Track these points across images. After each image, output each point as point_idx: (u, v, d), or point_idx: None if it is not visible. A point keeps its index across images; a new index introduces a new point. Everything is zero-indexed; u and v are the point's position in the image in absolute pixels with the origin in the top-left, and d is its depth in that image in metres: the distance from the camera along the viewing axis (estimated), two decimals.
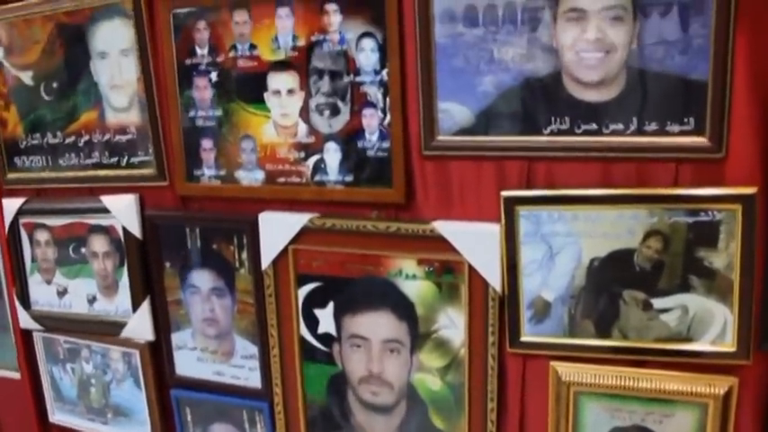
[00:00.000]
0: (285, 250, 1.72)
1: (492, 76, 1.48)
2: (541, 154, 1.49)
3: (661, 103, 1.39)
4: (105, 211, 1.94)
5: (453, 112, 1.53)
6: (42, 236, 2.08)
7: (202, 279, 1.87)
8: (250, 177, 1.74)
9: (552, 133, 1.47)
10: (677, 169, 1.41)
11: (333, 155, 1.63)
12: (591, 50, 1.41)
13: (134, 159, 1.88)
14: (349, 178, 1.63)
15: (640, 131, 1.41)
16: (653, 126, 1.41)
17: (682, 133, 1.39)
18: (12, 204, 2.10)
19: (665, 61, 1.37)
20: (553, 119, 1.46)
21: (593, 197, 1.45)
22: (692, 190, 1.40)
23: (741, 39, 1.31)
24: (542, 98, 1.46)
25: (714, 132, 1.37)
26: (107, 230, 1.97)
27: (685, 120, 1.38)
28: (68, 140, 1.97)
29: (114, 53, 1.83)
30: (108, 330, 2.03)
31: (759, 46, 1.31)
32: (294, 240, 1.70)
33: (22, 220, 2.11)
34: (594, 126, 1.44)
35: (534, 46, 1.44)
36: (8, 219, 2.11)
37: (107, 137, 1.91)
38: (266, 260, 1.74)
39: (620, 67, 1.40)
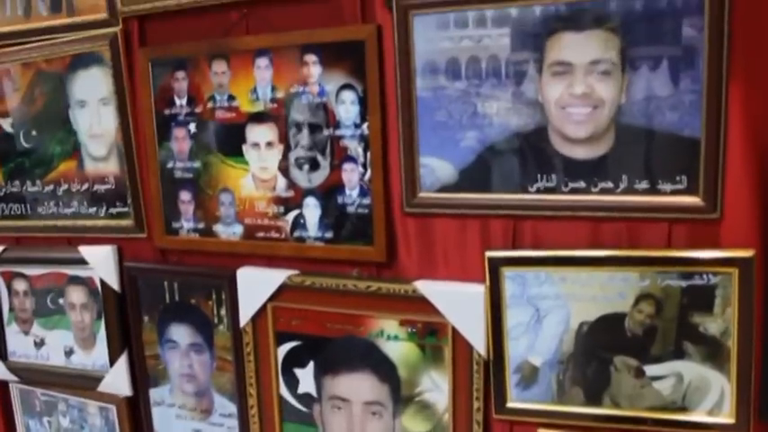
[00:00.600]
0: (264, 307, 1.67)
1: (476, 130, 1.43)
2: (527, 213, 1.43)
3: (652, 161, 1.34)
4: (83, 261, 1.90)
5: (435, 168, 1.48)
6: (20, 285, 2.04)
7: (181, 334, 1.81)
8: (228, 231, 1.69)
9: (539, 191, 1.41)
10: (670, 230, 1.35)
11: (312, 210, 1.59)
12: (578, 105, 1.36)
13: (113, 210, 1.85)
14: (329, 235, 1.58)
15: (631, 190, 1.36)
16: (644, 184, 1.35)
17: (674, 192, 1.33)
18: None
19: (656, 117, 1.32)
20: (540, 176, 1.41)
21: (582, 258, 1.39)
22: (686, 252, 1.34)
23: (735, 94, 1.26)
24: (528, 154, 1.41)
25: (708, 192, 1.31)
26: (85, 282, 1.92)
27: (678, 178, 1.33)
28: (47, 189, 1.94)
29: (93, 102, 1.80)
30: (85, 384, 1.98)
31: (754, 102, 1.26)
32: (273, 297, 1.65)
33: (0, 269, 2.06)
34: (583, 184, 1.39)
35: (519, 100, 1.39)
36: None
37: (86, 186, 1.88)
38: (245, 317, 1.69)
39: (608, 122, 1.35)
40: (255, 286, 1.66)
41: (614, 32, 1.31)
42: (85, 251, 1.89)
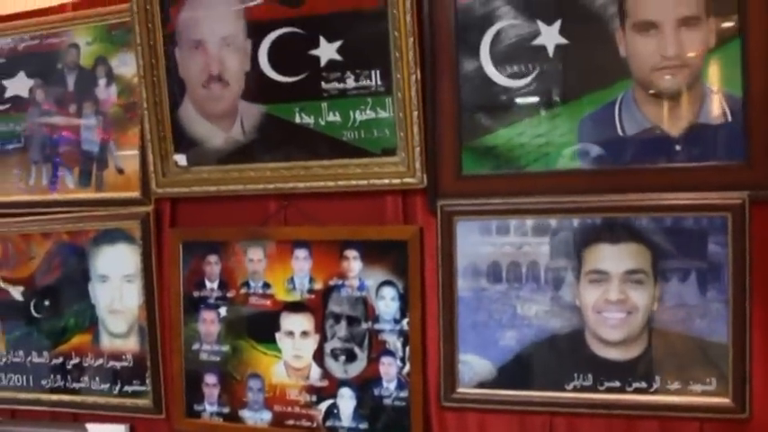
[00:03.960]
0: None
1: (515, 331, 1.55)
2: (564, 410, 1.54)
3: (683, 363, 1.48)
4: None
5: (474, 365, 1.58)
6: None
7: None
8: (256, 417, 1.75)
9: (575, 389, 1.53)
10: (701, 428, 1.48)
11: (347, 401, 1.66)
12: (613, 311, 1.50)
13: (128, 388, 1.88)
14: (363, 425, 1.65)
15: (663, 390, 1.49)
16: (676, 385, 1.48)
17: (704, 393, 1.47)
18: None
19: (686, 323, 1.47)
20: (576, 375, 1.53)
21: None
22: None
23: (758, 304, 1.42)
24: (565, 355, 1.54)
25: (737, 393, 1.45)
26: None
27: (707, 380, 1.46)
28: (55, 361, 1.97)
29: (116, 278, 1.87)
30: None
31: None
32: None
33: None
34: (618, 383, 1.51)
35: (557, 304, 1.53)
36: None
37: (99, 362, 1.90)
38: None
39: (642, 327, 1.49)
40: None
41: (647, 246, 1.47)
42: (95, 429, 1.90)
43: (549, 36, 1.51)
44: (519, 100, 1.55)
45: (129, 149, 1.86)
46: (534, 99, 1.54)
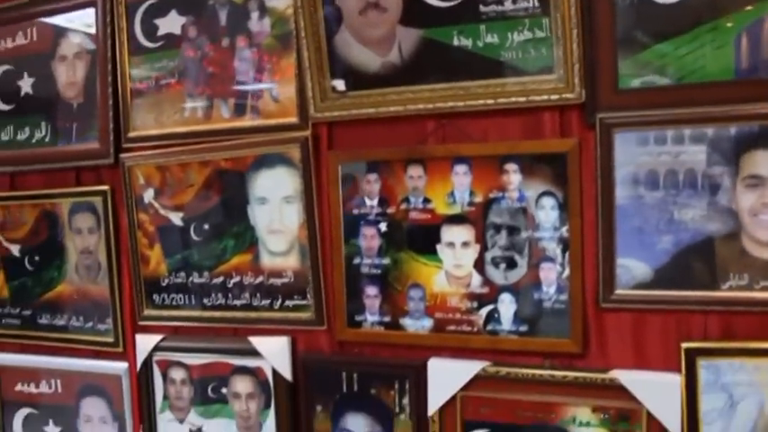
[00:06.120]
0: (452, 396, 1.88)
1: (671, 235, 1.70)
2: (719, 308, 1.69)
3: None
4: (252, 352, 2.10)
5: (632, 268, 1.73)
6: (178, 374, 2.23)
7: (357, 423, 2.02)
8: (417, 325, 1.92)
9: (730, 289, 1.67)
10: None
11: (508, 305, 1.83)
12: None
13: (289, 302, 2.06)
14: (524, 328, 1.82)
15: None
16: None
17: None
18: (146, 341, 2.26)
19: None
20: (732, 275, 1.67)
21: None
22: None
23: None
24: (721, 256, 1.68)
25: None
26: (253, 372, 2.13)
27: None
28: (216, 281, 2.16)
29: (276, 200, 2.04)
30: None
31: None
32: (463, 387, 1.86)
33: (156, 358, 2.26)
34: None
35: (714, 209, 1.67)
36: (141, 356, 2.26)
37: (260, 279, 2.09)
38: (434, 406, 1.90)
39: None
40: (447, 376, 1.88)
41: None
42: (258, 342, 2.10)
43: None
44: (675, 14, 1.66)
45: (283, 79, 2.02)
46: (690, 13, 1.65)
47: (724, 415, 1.70)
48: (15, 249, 2.50)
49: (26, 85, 2.42)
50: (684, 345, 1.71)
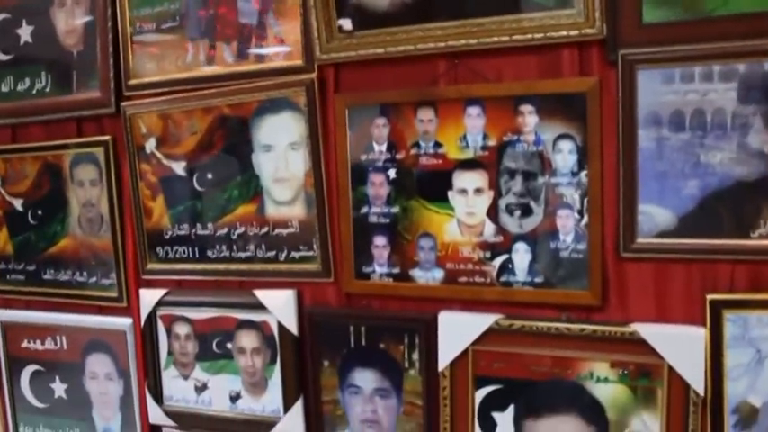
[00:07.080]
0: (464, 351, 1.81)
1: (697, 179, 1.61)
2: (748, 257, 1.60)
3: None
4: (257, 306, 2.05)
5: (654, 215, 1.65)
6: (182, 329, 2.19)
7: (365, 378, 1.96)
8: (427, 276, 1.86)
9: (760, 237, 1.59)
10: None
11: (523, 255, 1.75)
12: None
13: (295, 254, 2.00)
14: (539, 279, 1.75)
15: None
16: None
17: None
18: (150, 295, 2.22)
19: None
20: (762, 222, 1.58)
21: None
22: None
23: None
24: (751, 202, 1.58)
25: None
26: (258, 326, 2.08)
27: None
28: (220, 232, 2.10)
29: (281, 146, 1.98)
30: (252, 430, 2.12)
31: None
32: (475, 341, 1.80)
33: (161, 312, 2.22)
34: None
35: (744, 151, 1.57)
36: (145, 310, 2.22)
37: (265, 230, 2.03)
38: (444, 361, 1.84)
39: None
40: (458, 330, 1.82)
41: None
42: (262, 295, 2.05)
43: None
44: None
45: (287, 19, 1.94)
46: None
47: (751, 371, 1.63)
48: (18, 204, 2.46)
49: (25, 33, 2.36)
50: (710, 296, 1.63)
